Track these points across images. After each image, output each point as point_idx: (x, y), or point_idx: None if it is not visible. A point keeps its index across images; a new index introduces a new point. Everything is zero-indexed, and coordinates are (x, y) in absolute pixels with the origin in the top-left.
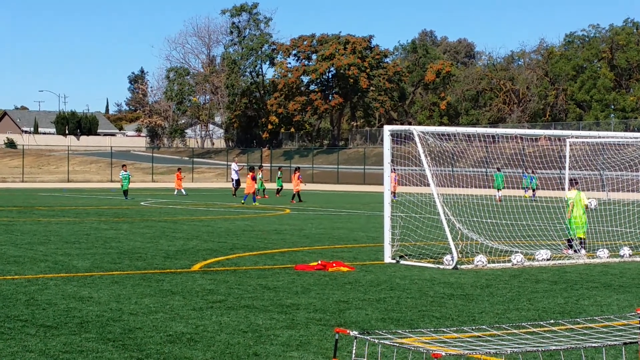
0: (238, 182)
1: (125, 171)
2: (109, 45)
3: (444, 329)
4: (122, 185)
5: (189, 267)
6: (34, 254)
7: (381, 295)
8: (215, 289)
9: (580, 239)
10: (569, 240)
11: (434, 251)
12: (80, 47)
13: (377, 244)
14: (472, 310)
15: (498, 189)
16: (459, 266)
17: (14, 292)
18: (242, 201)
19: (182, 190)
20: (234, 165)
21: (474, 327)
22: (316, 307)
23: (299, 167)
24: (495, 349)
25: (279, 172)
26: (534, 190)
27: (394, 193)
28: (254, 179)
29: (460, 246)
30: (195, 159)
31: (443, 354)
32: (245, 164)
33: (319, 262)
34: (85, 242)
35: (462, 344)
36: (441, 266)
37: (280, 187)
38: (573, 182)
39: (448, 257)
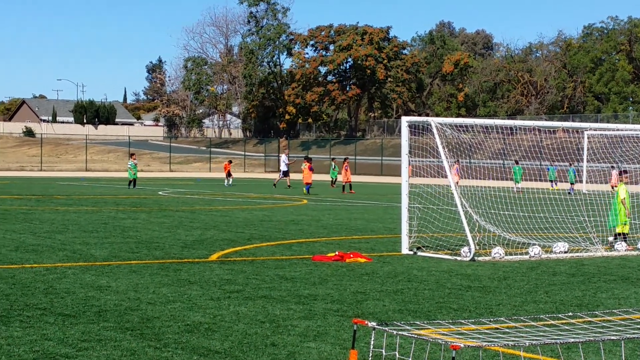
0: (286, 173)
1: (134, 160)
2: (127, 35)
3: (462, 321)
4: (130, 174)
5: (207, 257)
6: (52, 243)
7: (398, 286)
8: (233, 279)
9: (623, 233)
10: (619, 234)
11: (451, 243)
12: (98, 36)
13: (395, 235)
14: (489, 302)
15: (517, 182)
16: (476, 258)
17: (32, 280)
18: (305, 191)
19: (230, 180)
20: (284, 157)
21: (491, 319)
22: (333, 298)
23: (347, 158)
24: (514, 341)
25: (333, 164)
26: (572, 184)
27: (457, 183)
28: (311, 169)
29: (477, 238)
30: (212, 149)
31: (461, 345)
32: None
33: (337, 253)
34: (104, 231)
35: (480, 336)
36: (458, 258)
37: (334, 179)
38: (622, 173)
39: (465, 248)
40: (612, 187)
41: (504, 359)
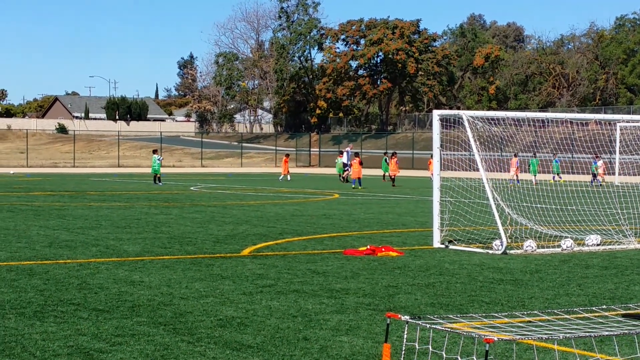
0: (347, 166)
1: (157, 155)
2: (159, 31)
3: (495, 314)
4: (153, 170)
5: (239, 252)
6: (85, 239)
7: (430, 280)
8: (265, 273)
9: None
10: None
11: (482, 236)
12: (130, 33)
13: (426, 228)
14: (521, 295)
15: (535, 174)
16: (508, 251)
17: (66, 276)
18: (353, 186)
19: (288, 176)
20: (348, 149)
21: (525, 313)
22: (365, 292)
23: (395, 153)
24: (547, 334)
25: (385, 158)
26: (595, 176)
27: (517, 177)
28: (361, 163)
29: (509, 231)
30: (243, 144)
31: (495, 339)
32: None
33: (368, 246)
34: (136, 227)
35: (513, 329)
36: (490, 251)
37: (386, 173)
38: None
39: (497, 242)
40: None
41: (536, 353)
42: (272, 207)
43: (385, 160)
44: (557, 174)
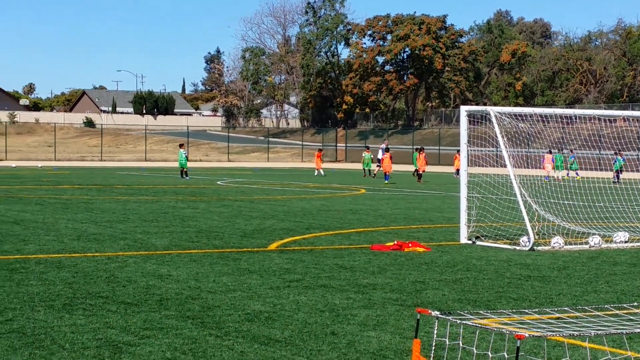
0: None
1: (184, 150)
2: (186, 26)
3: (526, 310)
4: (180, 164)
5: (266, 246)
6: (113, 232)
7: (457, 275)
8: (292, 268)
9: None
10: None
11: (510, 232)
12: (157, 27)
13: (453, 224)
14: (549, 292)
15: (559, 170)
16: (535, 247)
17: (94, 269)
18: (385, 181)
19: (321, 171)
20: (383, 147)
21: (555, 309)
22: (393, 287)
23: (422, 148)
24: (578, 331)
25: (415, 153)
26: (617, 172)
27: (549, 173)
28: (391, 158)
29: (537, 227)
30: (270, 139)
31: (526, 335)
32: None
33: (395, 242)
34: (163, 221)
35: (544, 326)
36: (517, 247)
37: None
38: None
39: (524, 238)
40: None
41: (566, 350)
42: (299, 202)
43: (417, 156)
44: (574, 170)
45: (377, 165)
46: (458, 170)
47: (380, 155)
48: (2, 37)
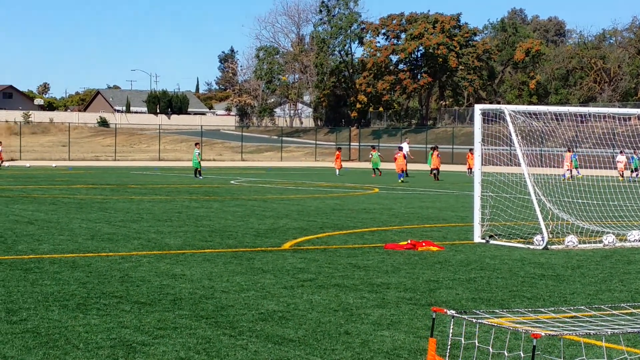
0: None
1: (198, 149)
2: (200, 25)
3: (541, 309)
4: (194, 163)
5: (280, 246)
6: (127, 232)
7: (471, 275)
8: (306, 267)
9: None
10: None
11: (524, 231)
12: (171, 26)
13: (467, 223)
14: (563, 291)
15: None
16: (549, 246)
17: (108, 268)
18: (400, 179)
19: (338, 171)
20: (405, 146)
21: (571, 308)
22: (406, 287)
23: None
24: (595, 330)
25: (432, 151)
26: (636, 170)
27: (570, 171)
28: (405, 157)
29: (550, 226)
30: (284, 138)
31: (542, 334)
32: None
33: (409, 241)
34: (177, 220)
35: (560, 325)
36: (531, 246)
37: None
38: None
39: (538, 237)
40: None
41: (581, 349)
42: (313, 201)
43: (431, 154)
44: (576, 168)
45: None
46: (471, 168)
47: (405, 151)
48: (17, 37)
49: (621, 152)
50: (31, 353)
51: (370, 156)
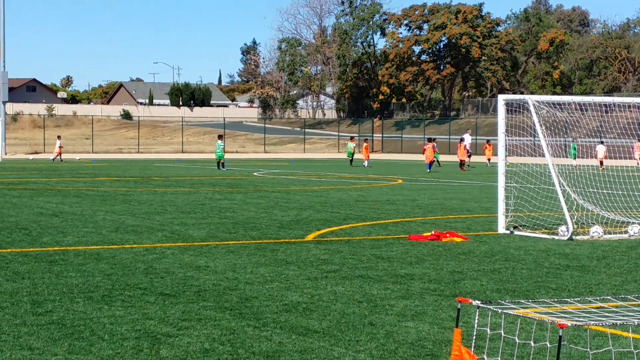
0: (469, 152)
1: (221, 141)
2: (222, 17)
3: (567, 299)
4: (217, 155)
5: (303, 237)
6: (151, 224)
7: (496, 265)
8: (330, 258)
9: None
10: None
11: (548, 222)
12: (193, 19)
13: (491, 214)
14: (588, 281)
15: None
16: (574, 237)
17: (132, 260)
18: (427, 170)
19: (365, 163)
20: (467, 137)
21: (597, 298)
22: (430, 278)
23: (463, 139)
24: (621, 320)
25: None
26: None
27: (601, 163)
28: (465, 148)
29: (575, 217)
30: (306, 130)
31: (568, 324)
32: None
33: (433, 232)
34: (201, 212)
35: (586, 315)
36: (556, 237)
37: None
38: None
39: (563, 227)
40: None
41: (607, 339)
42: (336, 192)
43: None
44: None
45: (468, 155)
46: (489, 159)
47: (467, 145)
48: (40, 31)
49: (639, 139)
50: (56, 344)
51: (347, 145)
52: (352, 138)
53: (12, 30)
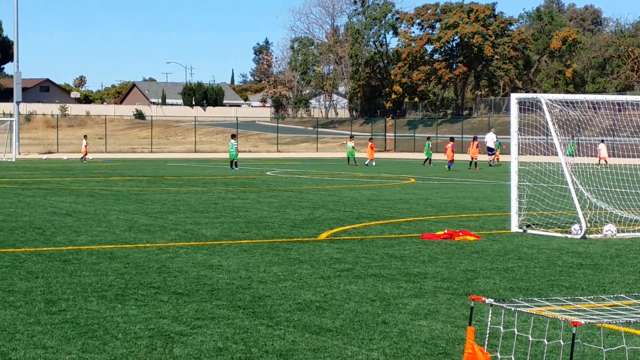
0: (492, 151)
1: (234, 141)
2: (234, 17)
3: (581, 298)
4: (231, 155)
5: (316, 236)
6: (164, 223)
7: (509, 264)
8: (343, 257)
9: None
10: None
11: (561, 220)
12: (206, 18)
13: (504, 213)
14: (602, 280)
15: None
16: (587, 235)
17: (146, 259)
18: (447, 168)
19: (373, 162)
20: (492, 135)
21: (611, 296)
22: (443, 276)
23: (476, 137)
24: (636, 318)
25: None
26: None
27: (605, 161)
28: (453, 148)
29: (588, 215)
30: (319, 129)
31: (582, 322)
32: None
33: (446, 231)
34: (214, 211)
35: (600, 313)
36: (569, 235)
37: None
38: None
39: (576, 226)
40: None
41: (620, 337)
42: (348, 191)
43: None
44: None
45: (492, 154)
46: (498, 158)
47: (490, 143)
48: (54, 32)
49: None
50: (70, 343)
51: (346, 145)
52: (351, 137)
53: (25, 30)
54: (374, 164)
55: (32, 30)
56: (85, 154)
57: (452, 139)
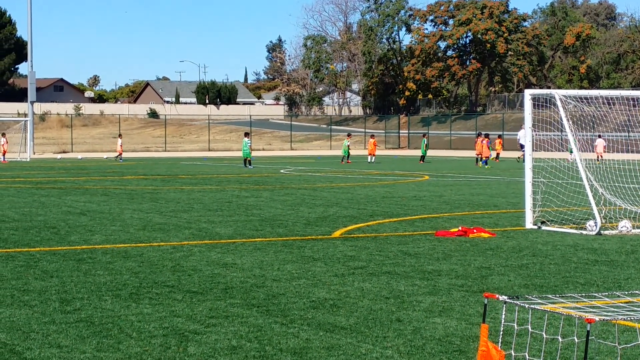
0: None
1: (248, 139)
2: (247, 15)
3: (595, 294)
4: (244, 153)
5: (330, 234)
6: (178, 221)
7: (523, 261)
8: (356, 255)
9: None
10: None
11: (576, 217)
12: (219, 17)
13: (518, 209)
14: (617, 276)
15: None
16: (602, 232)
17: (160, 258)
18: (485, 166)
19: (372, 158)
20: (522, 132)
21: (626, 293)
22: (458, 273)
23: (487, 134)
24: None
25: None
26: None
27: (601, 156)
28: (488, 144)
29: (603, 211)
30: (332, 127)
31: (596, 319)
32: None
33: (460, 228)
34: (227, 210)
35: (615, 310)
36: (584, 232)
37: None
38: None
39: (591, 222)
40: None
41: (638, 334)
42: (362, 189)
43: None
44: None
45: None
46: (499, 154)
47: (522, 142)
48: (68, 31)
49: None
50: (85, 342)
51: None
52: (349, 135)
53: (39, 30)
54: (373, 160)
55: (46, 30)
56: (120, 154)
57: (486, 135)
